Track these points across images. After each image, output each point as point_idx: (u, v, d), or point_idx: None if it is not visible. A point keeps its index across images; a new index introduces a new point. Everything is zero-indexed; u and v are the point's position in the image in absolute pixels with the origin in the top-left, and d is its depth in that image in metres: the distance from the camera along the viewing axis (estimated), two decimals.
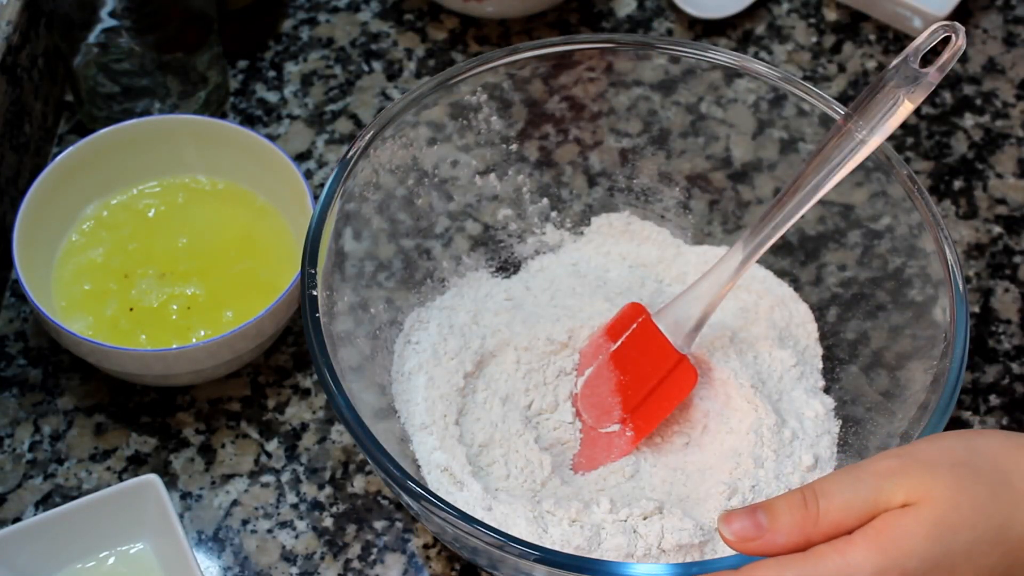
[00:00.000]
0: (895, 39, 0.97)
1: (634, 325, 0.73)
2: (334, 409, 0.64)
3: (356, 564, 0.73)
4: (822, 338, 0.77)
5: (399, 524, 0.74)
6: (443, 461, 0.69)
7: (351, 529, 0.74)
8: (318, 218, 0.69)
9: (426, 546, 0.74)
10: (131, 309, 0.77)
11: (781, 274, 0.79)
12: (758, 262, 0.72)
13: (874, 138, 0.65)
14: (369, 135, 0.72)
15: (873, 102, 0.64)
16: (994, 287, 0.85)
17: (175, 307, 0.77)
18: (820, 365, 0.76)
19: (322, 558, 0.73)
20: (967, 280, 0.85)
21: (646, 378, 0.72)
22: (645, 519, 0.67)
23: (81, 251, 0.79)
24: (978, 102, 0.94)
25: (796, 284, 0.79)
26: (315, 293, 0.66)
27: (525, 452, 0.71)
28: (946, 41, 0.63)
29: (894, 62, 0.64)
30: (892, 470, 0.53)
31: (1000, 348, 0.83)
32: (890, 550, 0.52)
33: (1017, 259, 0.87)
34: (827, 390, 0.75)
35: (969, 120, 0.93)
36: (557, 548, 0.65)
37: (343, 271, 0.72)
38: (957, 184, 0.90)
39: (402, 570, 0.73)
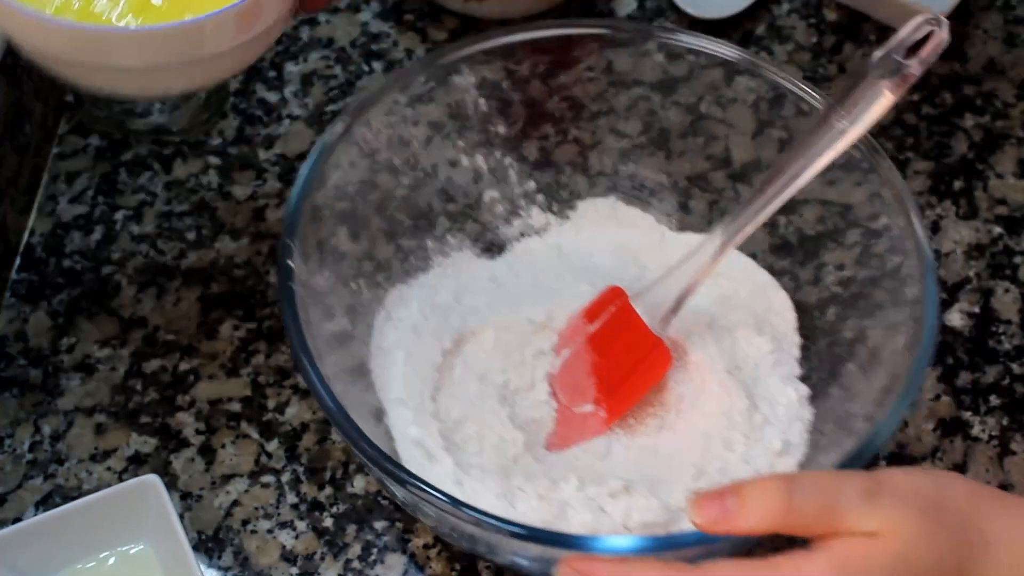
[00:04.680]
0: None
1: (612, 308, 0.74)
2: (302, 374, 0.64)
3: (356, 564, 0.73)
4: (811, 333, 0.77)
5: (399, 524, 0.74)
6: (417, 435, 0.70)
7: (351, 529, 0.74)
8: (301, 190, 0.69)
9: (426, 546, 0.74)
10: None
11: (782, 273, 0.79)
12: (746, 253, 0.72)
13: (855, 128, 0.65)
14: (353, 108, 0.73)
15: (855, 93, 0.65)
16: (994, 287, 0.85)
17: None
18: (797, 353, 0.77)
19: (322, 558, 0.73)
20: (967, 280, 0.85)
21: (622, 360, 0.73)
22: (612, 497, 0.68)
23: None
24: (978, 102, 0.94)
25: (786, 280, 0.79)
26: (291, 263, 0.67)
27: (499, 429, 0.71)
28: (933, 36, 0.64)
29: (877, 53, 0.64)
30: (870, 493, 0.54)
31: (1000, 348, 0.83)
32: (846, 574, 0.53)
33: (1017, 259, 0.87)
34: (806, 379, 0.75)
35: (969, 120, 0.93)
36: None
37: (325, 245, 0.72)
38: (957, 184, 0.90)
39: (402, 570, 0.73)
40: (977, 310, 0.84)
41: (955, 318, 0.84)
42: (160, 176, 0.88)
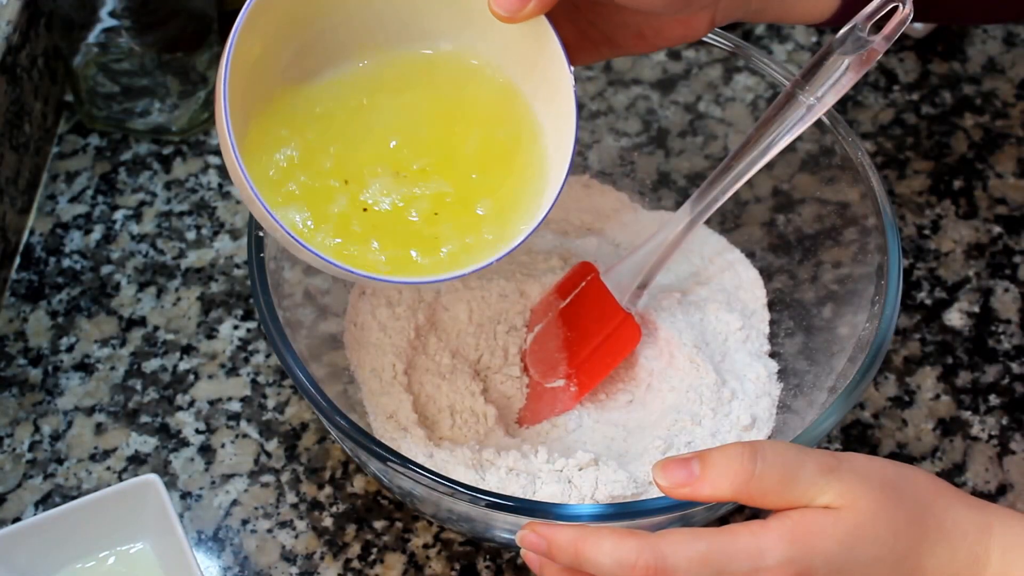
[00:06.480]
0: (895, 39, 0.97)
1: (583, 283, 0.74)
2: (269, 340, 0.63)
3: (356, 564, 0.73)
4: (781, 336, 0.77)
5: (399, 524, 0.74)
6: (390, 408, 0.71)
7: (351, 529, 0.74)
8: None
9: (426, 546, 0.74)
10: (364, 210, 0.62)
11: (779, 271, 0.79)
12: (721, 232, 0.73)
13: (821, 104, 0.66)
14: None
15: (821, 69, 0.65)
16: (994, 287, 0.85)
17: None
18: (767, 330, 0.77)
19: (322, 558, 0.73)
20: (966, 280, 0.85)
21: (591, 335, 0.74)
22: (580, 470, 0.69)
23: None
24: (978, 102, 0.94)
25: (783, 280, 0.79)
26: (261, 234, 0.67)
27: (471, 404, 0.72)
28: (897, 12, 0.64)
29: (842, 30, 0.64)
30: (830, 468, 0.55)
31: (1000, 348, 0.83)
32: (801, 544, 0.54)
33: (1017, 259, 0.87)
34: (776, 355, 0.76)
35: (969, 120, 0.93)
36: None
37: None
38: (957, 184, 0.90)
39: (402, 570, 0.73)
40: (977, 310, 0.84)
41: (955, 318, 0.84)
42: (160, 176, 0.88)
